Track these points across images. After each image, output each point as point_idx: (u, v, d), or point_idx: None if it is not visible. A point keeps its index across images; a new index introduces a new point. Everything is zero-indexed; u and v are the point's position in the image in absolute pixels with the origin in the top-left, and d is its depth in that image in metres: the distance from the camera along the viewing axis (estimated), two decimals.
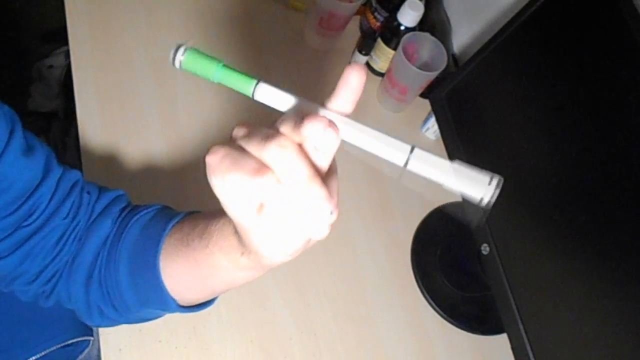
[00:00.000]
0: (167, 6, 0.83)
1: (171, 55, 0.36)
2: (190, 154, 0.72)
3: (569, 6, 0.56)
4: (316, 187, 0.28)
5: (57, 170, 0.47)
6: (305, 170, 0.28)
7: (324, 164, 0.30)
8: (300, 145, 0.29)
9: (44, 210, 0.45)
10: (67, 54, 0.73)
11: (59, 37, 1.26)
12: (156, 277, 0.44)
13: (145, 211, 0.49)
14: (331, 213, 0.29)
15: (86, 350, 0.67)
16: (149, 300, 0.46)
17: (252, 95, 0.35)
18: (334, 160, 0.32)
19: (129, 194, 0.68)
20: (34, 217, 0.44)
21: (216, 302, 0.52)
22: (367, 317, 0.70)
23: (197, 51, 0.36)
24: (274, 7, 0.90)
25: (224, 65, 0.35)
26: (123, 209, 0.51)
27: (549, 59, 0.59)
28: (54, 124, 1.21)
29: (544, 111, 0.59)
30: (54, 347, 0.61)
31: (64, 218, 0.46)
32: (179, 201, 0.69)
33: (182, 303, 0.46)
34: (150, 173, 0.70)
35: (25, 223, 0.44)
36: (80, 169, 0.68)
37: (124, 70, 0.75)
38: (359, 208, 0.77)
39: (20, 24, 1.38)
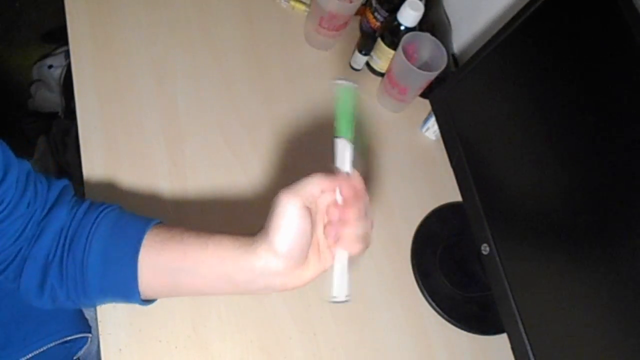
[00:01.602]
0: (167, 6, 0.83)
1: (341, 81, 0.47)
2: (190, 153, 0.72)
3: (569, 6, 0.56)
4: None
5: (15, 163, 0.48)
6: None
7: None
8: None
9: (10, 201, 0.47)
10: (67, 54, 0.73)
11: (59, 37, 1.26)
12: (131, 266, 0.47)
13: (109, 207, 0.52)
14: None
15: (85, 347, 0.68)
16: (113, 289, 0.49)
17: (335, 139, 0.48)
18: None
19: (129, 193, 0.68)
20: (1, 207, 0.46)
21: (217, 301, 0.52)
22: (367, 317, 0.70)
23: (350, 96, 0.47)
24: (274, 7, 0.90)
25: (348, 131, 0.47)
26: (73, 197, 0.53)
27: (549, 59, 0.59)
28: (54, 124, 1.21)
29: (543, 111, 0.59)
30: (53, 344, 0.61)
31: (27, 207, 0.48)
32: (178, 201, 0.69)
33: (145, 296, 0.49)
34: (150, 172, 0.70)
35: None
36: (80, 169, 0.68)
37: (124, 70, 0.75)
38: None
39: (20, 24, 1.38)
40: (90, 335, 0.67)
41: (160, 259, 0.48)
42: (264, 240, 0.44)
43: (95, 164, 0.68)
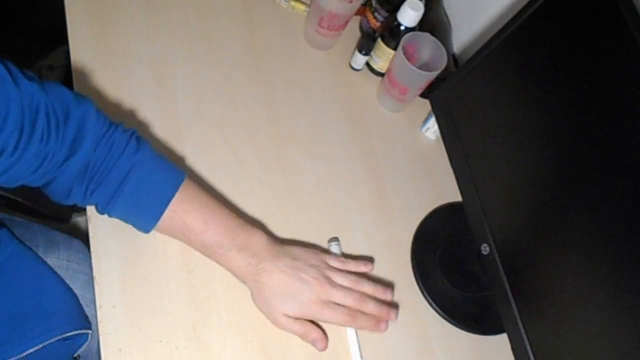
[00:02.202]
0: (167, 6, 0.83)
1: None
2: (190, 154, 0.72)
3: (569, 6, 0.56)
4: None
5: (15, 97, 0.47)
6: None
7: None
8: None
9: (15, 147, 0.47)
10: (67, 54, 0.73)
11: (59, 37, 1.26)
12: (166, 198, 0.56)
13: (147, 145, 0.58)
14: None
15: (85, 344, 0.68)
16: (138, 210, 0.57)
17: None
18: None
19: None
20: (7, 153, 0.46)
21: (217, 301, 0.53)
22: None
23: None
24: (274, 7, 0.90)
25: None
26: (95, 126, 0.54)
27: (549, 59, 0.59)
28: None
29: (543, 111, 0.59)
30: (53, 339, 0.61)
31: (40, 141, 0.48)
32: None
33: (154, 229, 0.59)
34: None
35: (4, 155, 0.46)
36: None
37: (124, 70, 0.75)
38: (359, 208, 0.77)
39: (20, 24, 1.38)
40: (90, 331, 0.67)
41: (187, 211, 0.57)
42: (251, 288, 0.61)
43: None
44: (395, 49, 0.82)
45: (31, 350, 0.60)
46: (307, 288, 0.58)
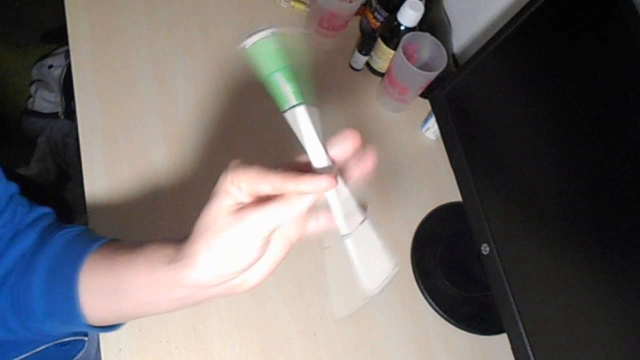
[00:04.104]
0: (167, 6, 0.83)
1: (249, 36, 0.32)
2: (190, 153, 0.72)
3: (569, 6, 0.56)
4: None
5: (0, 182, 0.48)
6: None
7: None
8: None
9: None
10: (67, 54, 0.73)
11: (59, 37, 1.26)
12: (71, 288, 0.43)
13: (71, 229, 0.50)
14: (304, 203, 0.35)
15: (83, 350, 0.68)
16: (57, 312, 0.45)
17: (284, 111, 0.36)
18: None
19: (129, 193, 0.68)
20: None
21: (218, 301, 0.52)
22: (367, 317, 0.70)
23: (276, 42, 0.33)
24: (274, 7, 0.90)
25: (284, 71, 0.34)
26: (50, 225, 0.51)
27: (549, 59, 0.59)
28: (54, 124, 1.21)
29: (543, 111, 0.59)
30: (50, 344, 0.61)
31: (1, 227, 0.47)
32: (178, 200, 0.69)
33: (92, 321, 0.45)
34: (150, 172, 0.70)
35: None
36: (80, 169, 0.68)
37: (124, 70, 0.75)
38: None
39: (20, 24, 1.38)
40: (86, 338, 0.67)
41: (95, 281, 0.43)
42: (188, 250, 0.37)
43: (95, 164, 0.68)
44: (395, 49, 0.82)
45: (28, 354, 0.60)
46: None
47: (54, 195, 1.15)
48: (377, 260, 0.37)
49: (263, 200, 0.35)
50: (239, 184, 0.35)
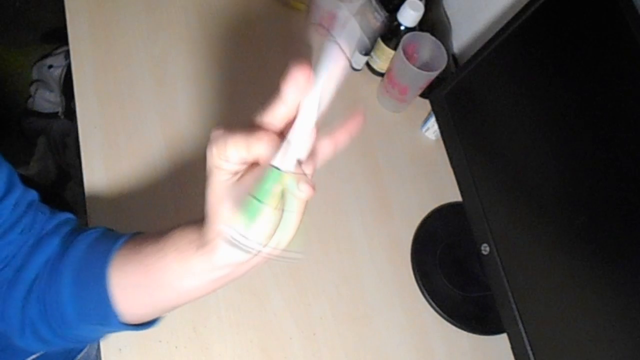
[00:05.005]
0: (167, 6, 0.83)
1: None
2: (190, 153, 0.72)
3: (569, 6, 0.56)
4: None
5: (18, 187, 0.47)
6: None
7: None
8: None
9: (2, 224, 0.45)
10: (67, 54, 0.73)
11: (59, 37, 1.26)
12: (102, 288, 0.42)
13: (93, 230, 0.49)
14: (307, 189, 0.33)
15: (84, 351, 0.68)
16: (90, 314, 0.44)
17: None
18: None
19: (129, 193, 0.68)
20: None
21: (217, 301, 0.52)
22: (367, 317, 0.70)
23: None
24: (274, 7, 0.90)
25: None
26: (72, 230, 0.50)
27: (549, 59, 0.59)
28: (54, 124, 1.21)
29: (543, 111, 0.59)
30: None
31: (20, 233, 0.46)
32: (178, 200, 0.69)
33: (127, 319, 0.44)
34: (150, 172, 0.70)
35: None
36: (80, 169, 0.68)
37: (124, 70, 0.75)
38: (359, 208, 0.77)
39: (20, 24, 1.38)
40: None
41: (125, 278, 0.43)
42: (209, 235, 0.36)
43: (95, 164, 0.68)
44: (395, 49, 0.82)
45: (31, 357, 0.60)
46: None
47: (54, 195, 1.15)
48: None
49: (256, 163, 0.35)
50: (226, 157, 0.33)
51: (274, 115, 0.34)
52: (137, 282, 0.42)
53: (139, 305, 0.44)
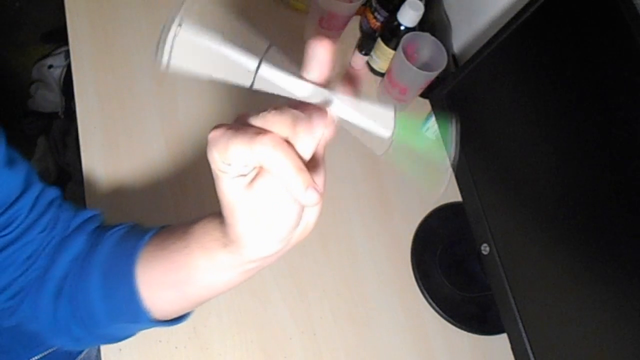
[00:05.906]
0: (167, 6, 0.83)
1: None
2: (190, 153, 0.72)
3: (569, 6, 0.56)
4: (304, 175, 0.29)
5: (37, 186, 0.47)
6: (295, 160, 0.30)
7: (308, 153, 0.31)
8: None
9: (21, 223, 0.45)
10: (67, 54, 0.73)
11: (59, 37, 1.26)
12: (131, 286, 0.42)
13: (119, 227, 0.49)
14: (314, 196, 0.29)
15: (85, 351, 0.68)
16: (121, 313, 0.44)
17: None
18: (320, 158, 0.34)
19: (129, 193, 0.68)
20: (10, 228, 0.44)
21: (217, 301, 0.52)
22: (367, 317, 0.70)
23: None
24: (274, 8, 0.90)
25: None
26: (97, 228, 0.50)
27: (549, 59, 0.59)
28: (54, 124, 1.21)
29: (543, 111, 0.59)
30: (55, 347, 0.61)
31: (40, 232, 0.46)
32: (178, 200, 0.69)
33: (157, 316, 0.44)
34: (150, 172, 0.70)
35: (2, 234, 0.44)
36: (81, 169, 0.68)
37: (124, 70, 0.75)
38: (359, 208, 0.77)
39: (20, 24, 1.38)
40: None
41: (153, 275, 0.42)
42: (232, 235, 0.35)
43: (95, 164, 0.68)
44: (395, 49, 0.82)
45: (34, 359, 0.60)
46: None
47: None
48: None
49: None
50: (227, 161, 0.31)
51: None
52: (165, 278, 0.42)
53: (169, 302, 0.43)
